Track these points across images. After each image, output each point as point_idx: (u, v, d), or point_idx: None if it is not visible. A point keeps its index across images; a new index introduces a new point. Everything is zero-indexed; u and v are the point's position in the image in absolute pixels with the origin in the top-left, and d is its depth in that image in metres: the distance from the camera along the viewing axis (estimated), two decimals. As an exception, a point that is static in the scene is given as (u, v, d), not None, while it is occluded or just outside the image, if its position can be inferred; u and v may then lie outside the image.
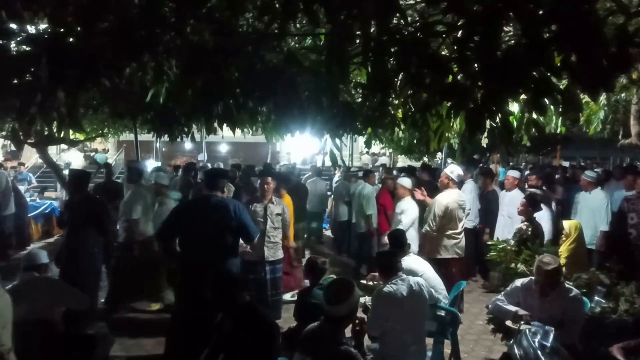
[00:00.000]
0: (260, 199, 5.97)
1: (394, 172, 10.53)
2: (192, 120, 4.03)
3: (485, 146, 8.52)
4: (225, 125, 3.11)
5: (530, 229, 5.72)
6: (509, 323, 4.05)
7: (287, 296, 4.92)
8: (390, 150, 16.83)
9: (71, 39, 2.82)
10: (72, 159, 16.95)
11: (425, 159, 14.35)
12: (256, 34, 2.52)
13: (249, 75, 2.42)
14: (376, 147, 20.30)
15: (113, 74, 3.03)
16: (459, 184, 6.04)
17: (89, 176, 6.10)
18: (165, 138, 4.85)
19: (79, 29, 2.83)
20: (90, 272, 5.45)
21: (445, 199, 6.04)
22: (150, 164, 14.00)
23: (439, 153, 11.84)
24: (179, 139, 4.62)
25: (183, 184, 8.99)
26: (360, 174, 9.72)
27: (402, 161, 17.82)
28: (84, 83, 2.98)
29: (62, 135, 6.52)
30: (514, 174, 7.27)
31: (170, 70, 3.06)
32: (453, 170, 6.23)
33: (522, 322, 3.87)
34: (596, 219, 6.73)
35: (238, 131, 3.95)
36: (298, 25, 3.88)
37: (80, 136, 10.66)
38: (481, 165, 11.91)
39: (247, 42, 2.39)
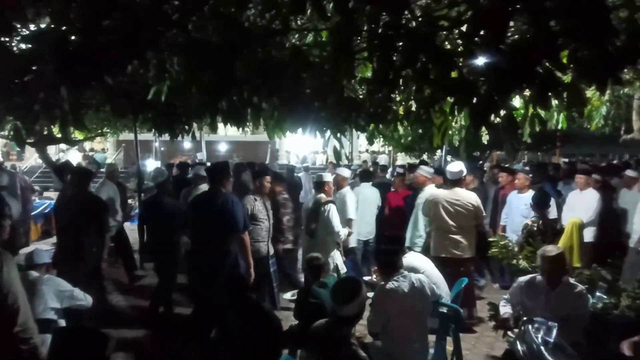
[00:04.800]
0: (260, 197, 6.05)
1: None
2: (196, 118, 4.02)
3: (486, 143, 8.51)
4: (228, 123, 3.10)
5: (536, 225, 5.74)
6: (510, 333, 4.09)
7: (287, 295, 4.92)
8: (390, 148, 16.82)
9: (74, 37, 2.81)
10: (71, 158, 16.92)
11: (425, 156, 14.33)
12: (260, 30, 2.51)
13: (254, 71, 2.41)
14: (376, 145, 20.31)
15: (116, 72, 3.03)
16: (455, 181, 5.98)
17: (91, 174, 6.10)
18: (166, 137, 4.85)
19: (83, 26, 2.82)
20: (91, 272, 5.44)
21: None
22: (150, 164, 13.98)
23: (439, 151, 11.83)
24: (179, 138, 4.61)
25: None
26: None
27: (402, 159, 17.81)
28: (89, 81, 2.97)
29: (62, 134, 6.51)
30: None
31: (173, 67, 3.06)
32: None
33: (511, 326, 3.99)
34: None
35: (237, 129, 3.98)
36: (299, 22, 3.87)
37: (79, 135, 10.64)
38: (480, 162, 11.91)
39: (252, 38, 2.38)
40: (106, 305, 5.86)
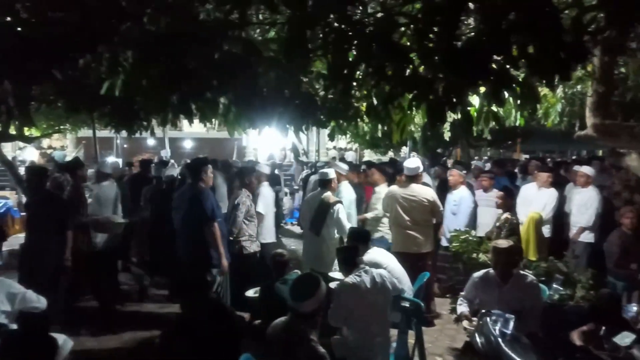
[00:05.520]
0: (251, 193, 6.16)
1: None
2: (149, 113, 3.93)
3: (448, 140, 8.65)
4: (184, 118, 3.04)
5: (515, 219, 5.86)
6: (465, 323, 4.19)
7: (249, 293, 4.89)
8: (357, 144, 16.89)
9: (20, 29, 2.69)
10: (27, 156, 16.30)
11: (391, 153, 14.46)
12: (215, 23, 2.46)
13: (207, 64, 2.36)
14: (343, 142, 20.37)
15: (66, 66, 2.92)
16: (412, 177, 6.03)
17: (46, 172, 5.96)
18: (124, 133, 4.73)
19: (30, 17, 2.71)
20: (55, 272, 5.31)
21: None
22: (111, 161, 13.57)
23: (404, 147, 11.96)
24: (138, 134, 4.50)
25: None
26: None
27: (369, 155, 17.91)
28: (36, 75, 2.85)
29: (6, 129, 6.26)
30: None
31: (127, 61, 2.97)
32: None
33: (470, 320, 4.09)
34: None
35: (201, 126, 3.92)
36: (261, 17, 3.83)
37: (36, 132, 10.26)
38: (444, 158, 12.10)
39: (206, 30, 2.33)
40: (70, 307, 5.70)
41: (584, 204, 6.64)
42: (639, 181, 6.53)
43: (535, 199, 6.80)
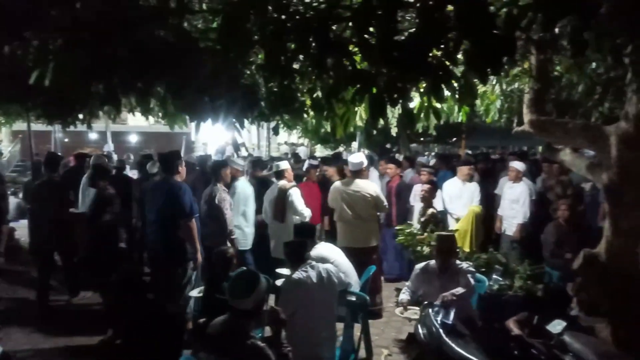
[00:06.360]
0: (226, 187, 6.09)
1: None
2: (77, 103, 3.74)
3: (395, 135, 8.77)
4: (113, 109, 2.89)
5: (439, 213, 6.02)
6: (398, 311, 4.36)
7: (194, 292, 4.79)
8: (307, 139, 16.87)
9: None
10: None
11: (341, 148, 14.53)
12: (151, 9, 2.35)
13: (139, 53, 2.25)
14: (294, 137, 20.31)
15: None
16: (356, 172, 6.02)
17: None
18: (62, 127, 4.50)
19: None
20: None
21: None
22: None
23: (354, 142, 12.04)
24: (73, 127, 4.27)
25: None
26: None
27: (320, 151, 17.93)
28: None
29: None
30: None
31: (58, 49, 2.80)
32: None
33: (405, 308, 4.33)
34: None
35: (143, 119, 3.77)
36: (204, 6, 3.71)
37: (-35, 125, 9.63)
38: (391, 153, 12.28)
39: (138, 17, 2.23)
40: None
41: (515, 199, 6.90)
42: (569, 175, 6.88)
43: (463, 193, 7.00)
